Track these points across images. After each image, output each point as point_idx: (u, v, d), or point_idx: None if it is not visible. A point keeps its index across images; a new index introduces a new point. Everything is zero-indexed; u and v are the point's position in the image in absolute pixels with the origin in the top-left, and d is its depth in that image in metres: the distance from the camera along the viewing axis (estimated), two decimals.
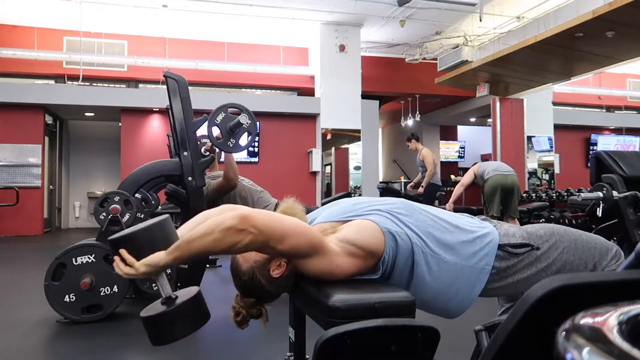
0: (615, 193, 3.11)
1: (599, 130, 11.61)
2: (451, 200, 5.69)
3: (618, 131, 11.55)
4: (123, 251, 1.14)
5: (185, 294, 1.21)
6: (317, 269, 1.19)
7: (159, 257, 1.13)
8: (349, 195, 5.99)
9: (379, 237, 1.22)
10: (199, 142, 3.35)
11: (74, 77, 8.76)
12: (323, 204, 1.73)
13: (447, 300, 1.29)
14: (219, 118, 2.95)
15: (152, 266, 1.13)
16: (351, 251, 1.19)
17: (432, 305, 1.30)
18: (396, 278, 1.26)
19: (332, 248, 1.19)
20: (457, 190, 5.76)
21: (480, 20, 7.72)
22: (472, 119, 12.64)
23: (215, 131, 3.01)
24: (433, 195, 6.76)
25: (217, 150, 3.35)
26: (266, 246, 1.13)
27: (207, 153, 3.25)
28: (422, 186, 6.59)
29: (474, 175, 5.62)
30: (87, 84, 8.98)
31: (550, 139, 10.01)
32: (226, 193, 3.28)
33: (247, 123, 2.98)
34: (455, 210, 4.59)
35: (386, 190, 7.37)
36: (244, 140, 3.05)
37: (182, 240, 1.13)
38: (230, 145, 2.99)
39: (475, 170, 5.65)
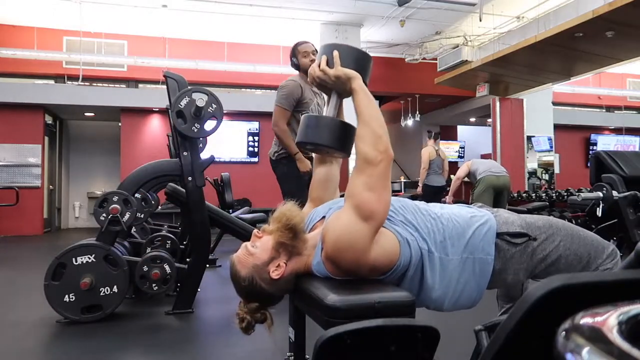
0: (615, 193, 3.11)
1: (599, 130, 11.61)
2: (450, 193, 5.77)
3: (618, 131, 11.55)
4: (336, 54, 1.29)
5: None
6: (353, 255, 1.19)
7: (355, 75, 1.28)
8: None
9: (395, 245, 1.23)
10: None
11: (73, 77, 8.76)
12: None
13: (457, 295, 1.28)
14: (183, 103, 2.90)
15: (347, 76, 1.27)
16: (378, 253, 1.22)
17: (444, 301, 1.29)
18: (406, 284, 1.26)
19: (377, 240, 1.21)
20: (455, 184, 5.87)
21: (480, 20, 7.72)
22: (472, 119, 12.65)
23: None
24: (430, 197, 6.31)
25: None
26: (377, 183, 1.19)
27: None
28: (419, 185, 6.54)
29: (468, 170, 5.66)
30: (87, 84, 8.98)
31: (550, 139, 10.00)
32: None
33: (212, 107, 2.92)
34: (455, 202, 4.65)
35: None
36: (210, 125, 2.98)
37: (368, 93, 1.27)
38: (195, 130, 2.93)
39: (469, 166, 5.68)
